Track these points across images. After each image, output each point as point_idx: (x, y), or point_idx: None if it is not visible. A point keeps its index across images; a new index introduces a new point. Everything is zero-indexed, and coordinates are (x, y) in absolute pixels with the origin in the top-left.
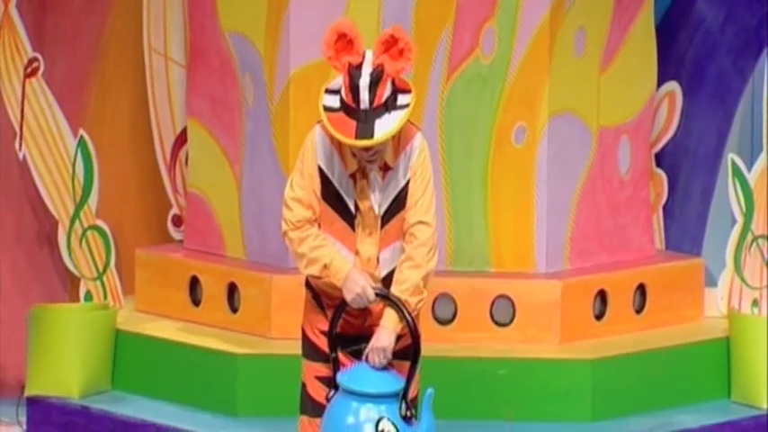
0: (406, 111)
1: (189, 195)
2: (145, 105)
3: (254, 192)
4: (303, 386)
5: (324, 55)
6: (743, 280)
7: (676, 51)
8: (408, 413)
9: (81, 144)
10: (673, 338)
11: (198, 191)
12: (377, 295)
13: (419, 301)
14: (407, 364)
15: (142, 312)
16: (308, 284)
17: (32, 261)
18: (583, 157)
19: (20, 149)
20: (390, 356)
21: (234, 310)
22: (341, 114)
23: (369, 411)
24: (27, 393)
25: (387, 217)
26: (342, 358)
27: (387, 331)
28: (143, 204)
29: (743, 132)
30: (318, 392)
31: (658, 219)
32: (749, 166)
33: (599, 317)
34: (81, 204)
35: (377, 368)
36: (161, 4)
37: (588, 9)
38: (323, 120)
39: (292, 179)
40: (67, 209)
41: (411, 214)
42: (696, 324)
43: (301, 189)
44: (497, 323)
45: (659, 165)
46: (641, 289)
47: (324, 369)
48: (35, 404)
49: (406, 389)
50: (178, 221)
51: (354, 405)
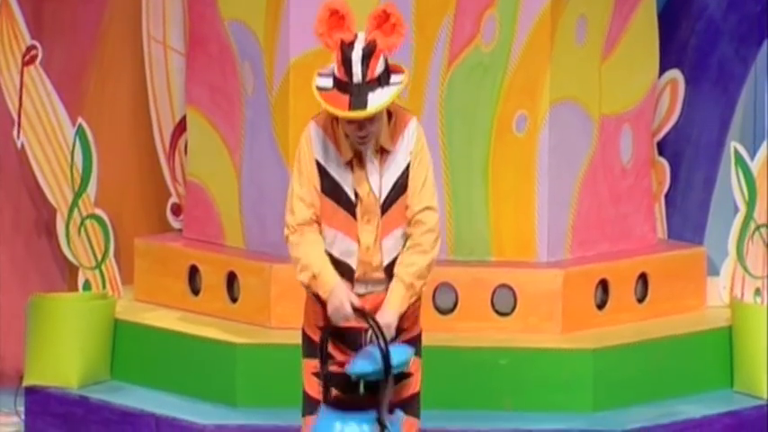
0: (400, 86)
1: (188, 184)
2: (144, 94)
3: (253, 180)
4: (304, 391)
5: (316, 32)
6: (745, 269)
7: (678, 39)
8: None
9: (80, 132)
10: (675, 328)
11: (197, 180)
12: (355, 311)
13: (423, 285)
14: (416, 360)
15: (141, 302)
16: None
17: (31, 250)
18: (584, 146)
19: (18, 138)
20: (394, 333)
21: (233, 300)
22: (333, 92)
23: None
24: (25, 383)
25: (388, 203)
26: (339, 357)
27: (391, 309)
28: (142, 193)
29: (745, 120)
30: (317, 390)
31: (660, 208)
32: (752, 155)
33: (600, 306)
34: (79, 193)
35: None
36: None
37: None
38: (316, 96)
39: (293, 182)
40: (66, 198)
41: (416, 200)
42: (698, 313)
43: (301, 187)
44: (498, 312)
45: (661, 153)
46: (643, 278)
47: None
48: (33, 394)
49: (380, 410)
50: (177, 210)
51: (333, 421)
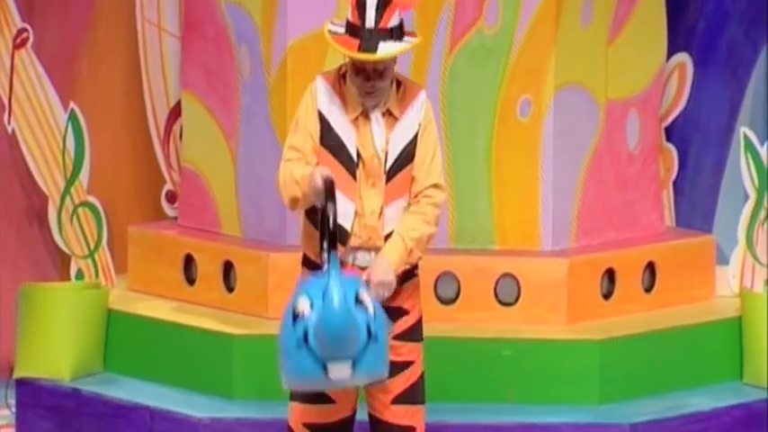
0: (412, 43)
1: (183, 171)
2: (138, 77)
3: (250, 167)
4: None
5: None
6: (755, 258)
7: (687, 22)
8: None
9: (72, 117)
10: (683, 318)
11: (192, 166)
12: (324, 181)
13: (418, 257)
14: (415, 346)
15: (135, 291)
16: (304, 262)
17: (21, 238)
18: (590, 132)
19: (8, 123)
20: (392, 291)
21: (230, 290)
22: (345, 36)
23: (297, 292)
24: (16, 375)
25: (394, 170)
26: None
27: (388, 264)
28: (136, 180)
29: (755, 105)
30: None
31: (668, 195)
32: (762, 140)
33: (607, 296)
34: (72, 180)
35: (380, 301)
36: None
37: None
38: (326, 38)
39: (289, 133)
40: (58, 185)
41: (424, 174)
42: (707, 303)
43: (296, 136)
44: (502, 303)
45: (669, 139)
46: (650, 267)
47: None
48: (24, 386)
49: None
50: (172, 198)
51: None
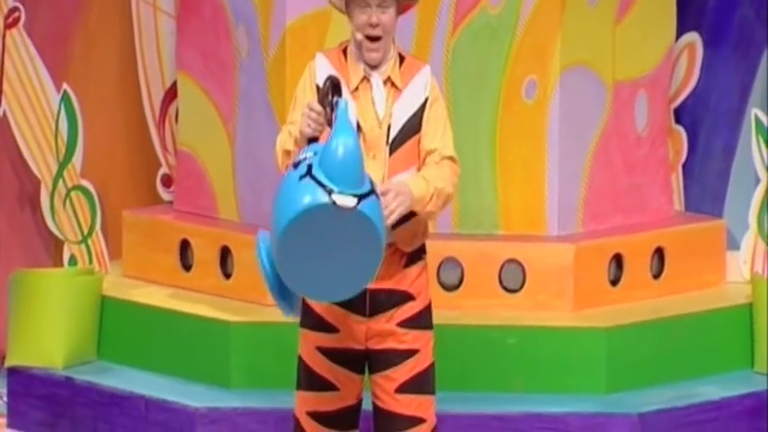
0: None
1: (179, 154)
2: (132, 58)
3: (248, 150)
4: (300, 359)
5: None
6: (767, 243)
7: (696, 0)
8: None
9: (65, 99)
10: (692, 305)
11: (189, 149)
12: (320, 97)
13: (432, 211)
14: (421, 334)
15: (130, 278)
16: None
17: (13, 223)
18: (597, 113)
19: None
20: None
21: (227, 276)
22: None
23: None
24: (7, 364)
25: (397, 141)
26: None
27: (408, 188)
28: (130, 163)
29: (767, 86)
30: (319, 365)
31: (677, 178)
32: None
33: (614, 282)
34: (64, 163)
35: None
36: None
37: None
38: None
39: (289, 111)
40: (50, 168)
41: (440, 145)
42: (717, 290)
43: (294, 113)
44: (506, 289)
45: (678, 121)
46: (659, 253)
47: (327, 339)
48: (16, 375)
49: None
50: (168, 181)
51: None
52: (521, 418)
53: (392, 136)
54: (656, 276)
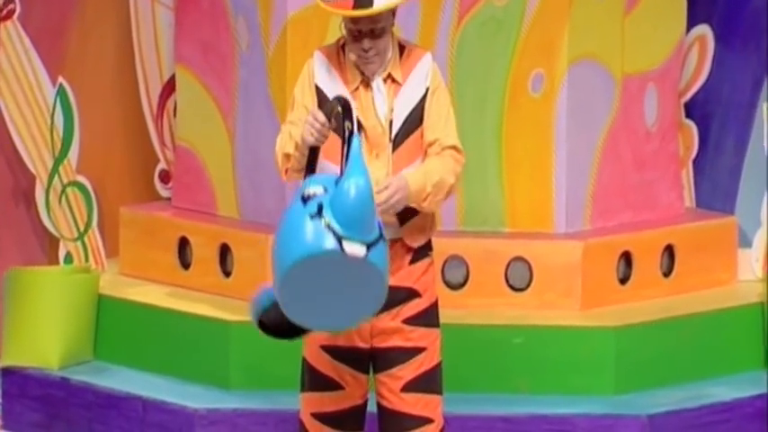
0: None
1: (177, 149)
2: (130, 51)
3: (248, 145)
4: (304, 360)
5: None
6: None
7: None
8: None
9: (60, 93)
10: (703, 304)
11: (187, 144)
12: (326, 110)
13: (431, 201)
14: (428, 332)
15: (127, 276)
16: None
17: (8, 220)
18: (606, 108)
19: None
20: (389, 200)
21: (226, 274)
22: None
23: (307, 184)
24: (1, 364)
25: (400, 137)
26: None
27: (406, 182)
28: (128, 159)
29: None
30: (324, 364)
31: (688, 174)
32: None
33: (623, 281)
34: (60, 159)
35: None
36: None
37: None
38: (319, 4)
39: (288, 111)
40: (46, 163)
41: (442, 134)
42: (729, 288)
43: (293, 112)
44: (513, 288)
45: (689, 115)
46: (669, 250)
47: (331, 337)
48: (11, 375)
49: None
50: (166, 177)
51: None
52: (527, 420)
53: (394, 132)
54: (666, 275)
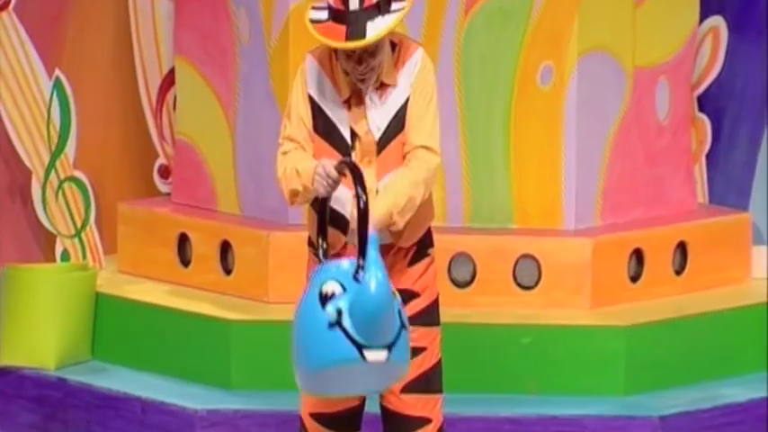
0: (402, 12)
1: (177, 143)
2: (128, 42)
3: (249, 139)
4: None
5: None
6: None
7: None
8: (362, 273)
9: (57, 86)
10: (716, 302)
11: (187, 138)
12: (338, 167)
13: (407, 218)
14: (428, 331)
15: (125, 274)
16: (310, 241)
17: (3, 216)
18: (616, 101)
19: None
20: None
21: (227, 272)
22: (329, 23)
23: (319, 278)
24: None
25: (384, 140)
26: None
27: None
28: (126, 153)
29: None
30: None
31: (701, 169)
32: None
33: (634, 279)
34: (57, 153)
35: None
36: None
37: None
38: (309, 29)
39: (284, 120)
40: (42, 158)
41: (412, 135)
42: (742, 286)
43: (290, 125)
44: (521, 286)
45: (702, 109)
46: (681, 247)
47: None
48: (6, 376)
49: (361, 252)
50: (165, 172)
51: (314, 278)
52: (536, 422)
53: (378, 136)
54: (679, 272)
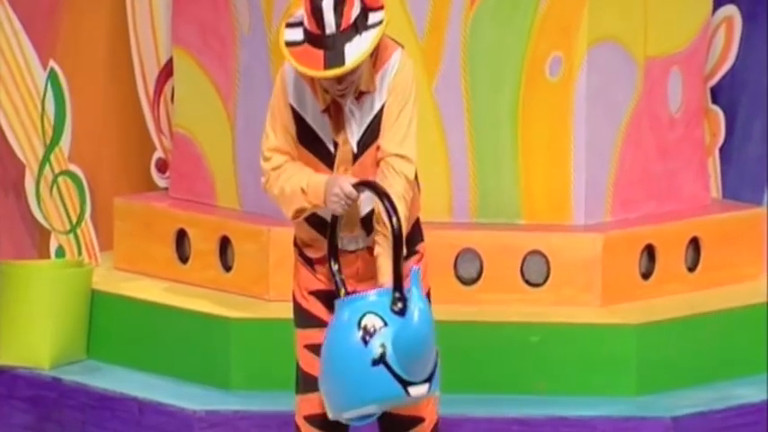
0: (380, 28)
1: (175, 136)
2: (125, 32)
3: (249, 132)
4: (297, 364)
5: None
6: None
7: None
8: (401, 305)
9: (51, 77)
10: (730, 300)
11: (185, 131)
12: (356, 187)
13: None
14: None
15: (122, 270)
16: (296, 242)
17: None
18: (627, 93)
19: None
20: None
21: (227, 268)
22: (305, 47)
23: (357, 310)
24: None
25: (360, 149)
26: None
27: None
28: (122, 147)
29: None
30: (310, 364)
31: (714, 163)
32: None
33: (646, 276)
34: (51, 147)
35: None
36: None
37: None
38: (285, 53)
39: (266, 127)
40: (36, 152)
41: (386, 141)
42: (757, 283)
43: (275, 136)
44: (529, 283)
45: (715, 101)
46: (694, 243)
47: (315, 335)
48: None
49: (397, 283)
50: (163, 166)
51: (342, 311)
52: (544, 422)
53: (355, 146)
54: (691, 269)
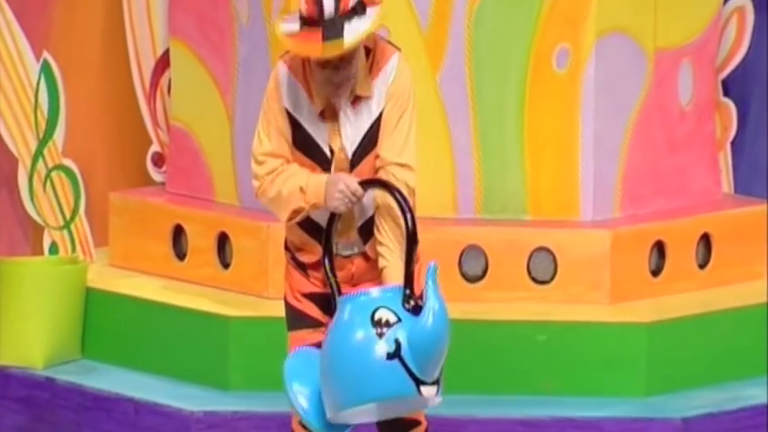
0: (378, 16)
1: (172, 130)
2: (120, 23)
3: (248, 126)
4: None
5: None
6: None
7: None
8: (413, 302)
9: (45, 69)
10: (742, 298)
11: (182, 124)
12: (362, 184)
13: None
14: None
15: (117, 267)
16: (287, 246)
17: None
18: (636, 85)
19: None
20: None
21: (225, 266)
22: (303, 31)
23: (366, 306)
24: None
25: (357, 157)
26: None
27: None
28: (118, 140)
29: None
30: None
31: (725, 157)
32: None
33: (656, 273)
34: (45, 140)
35: None
36: None
37: None
38: (284, 41)
39: (259, 131)
40: (29, 146)
41: (385, 149)
42: None
43: (270, 140)
44: (535, 280)
45: (726, 94)
46: (705, 240)
47: (309, 336)
48: None
49: (408, 282)
50: (159, 160)
51: (346, 307)
52: (551, 424)
53: (350, 153)
54: (702, 266)
